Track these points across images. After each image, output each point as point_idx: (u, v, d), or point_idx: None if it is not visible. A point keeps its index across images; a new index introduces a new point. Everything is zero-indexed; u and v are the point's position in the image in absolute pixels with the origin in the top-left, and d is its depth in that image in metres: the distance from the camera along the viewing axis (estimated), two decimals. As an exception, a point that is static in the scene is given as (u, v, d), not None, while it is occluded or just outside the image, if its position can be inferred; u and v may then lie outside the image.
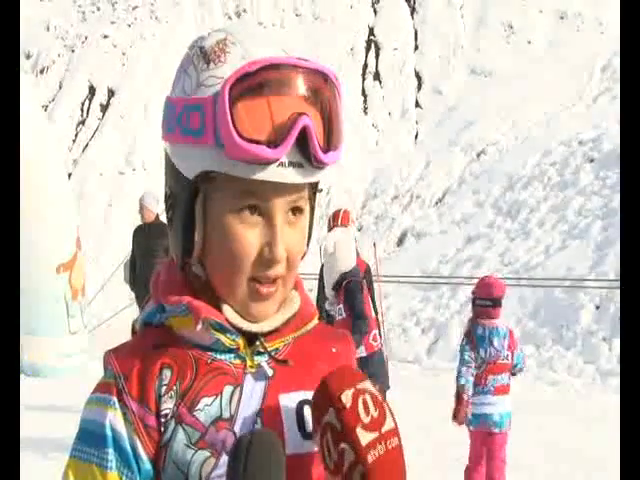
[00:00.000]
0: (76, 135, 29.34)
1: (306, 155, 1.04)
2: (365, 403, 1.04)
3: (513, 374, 5.58)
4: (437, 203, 22.13)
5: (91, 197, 26.20)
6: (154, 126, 28.56)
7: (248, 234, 1.07)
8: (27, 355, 9.90)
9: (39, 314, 10.46)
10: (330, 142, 1.07)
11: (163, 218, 9.21)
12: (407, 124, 27.93)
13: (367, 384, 1.07)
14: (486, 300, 5.47)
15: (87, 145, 28.86)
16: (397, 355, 12.98)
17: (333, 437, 1.04)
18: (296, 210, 1.10)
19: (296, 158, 1.04)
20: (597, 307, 12.86)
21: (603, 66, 25.62)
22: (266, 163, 1.03)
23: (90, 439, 1.08)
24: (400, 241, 21.12)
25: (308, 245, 1.16)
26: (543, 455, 7.39)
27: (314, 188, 1.15)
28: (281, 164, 1.04)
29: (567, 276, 13.96)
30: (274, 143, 1.02)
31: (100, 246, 21.01)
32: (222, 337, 1.10)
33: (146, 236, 8.46)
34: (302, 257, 1.16)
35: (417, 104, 28.71)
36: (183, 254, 1.12)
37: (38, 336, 10.38)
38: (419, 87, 29.30)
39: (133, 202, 9.82)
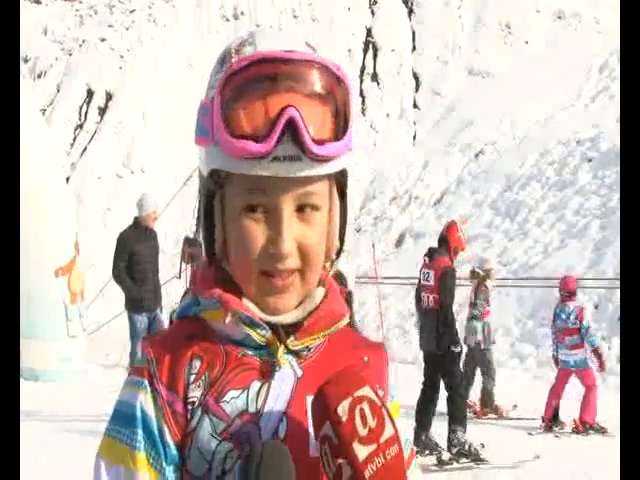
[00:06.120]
0: (74, 139, 29.33)
1: (302, 148, 1.04)
2: (362, 413, 1.02)
3: (582, 340, 8.55)
4: (435, 204, 22.14)
5: (89, 201, 26.19)
6: (152, 129, 28.56)
7: (254, 230, 1.09)
8: (25, 359, 9.87)
9: (37, 318, 10.44)
10: (330, 133, 1.06)
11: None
12: (405, 125, 27.94)
13: (366, 390, 1.04)
14: (562, 291, 8.79)
15: (85, 149, 28.85)
16: (396, 356, 12.97)
17: (331, 450, 1.03)
18: (308, 207, 1.10)
19: (293, 152, 1.04)
20: (596, 306, 12.87)
21: (601, 66, 25.64)
22: (258, 157, 1.04)
23: (122, 419, 1.11)
24: (399, 242, 21.12)
25: (343, 241, 1.16)
26: (545, 452, 7.41)
27: (340, 183, 1.14)
28: (276, 158, 1.04)
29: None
30: (260, 137, 1.03)
31: (98, 249, 20.99)
32: (252, 332, 1.11)
33: (151, 239, 8.55)
34: (338, 254, 1.17)
35: (415, 105, 28.73)
36: (207, 250, 1.15)
37: (37, 340, 10.36)
38: (417, 88, 29.31)
39: (131, 205, 9.72)
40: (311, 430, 1.10)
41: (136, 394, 1.11)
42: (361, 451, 1.01)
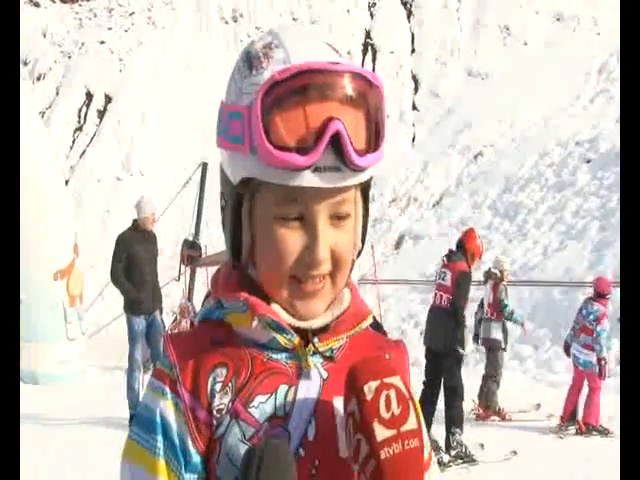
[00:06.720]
0: (73, 141, 29.35)
1: (343, 159, 1.04)
2: (388, 398, 1.04)
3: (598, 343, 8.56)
4: (435, 205, 22.15)
5: (89, 203, 26.19)
6: (151, 131, 28.56)
7: (290, 237, 1.08)
8: (25, 362, 9.85)
9: (37, 321, 10.44)
10: (368, 144, 1.06)
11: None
12: (404, 127, 27.96)
13: (396, 379, 1.06)
14: (594, 291, 8.86)
15: (84, 151, 28.86)
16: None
17: (353, 426, 1.04)
18: (340, 214, 1.10)
19: (333, 162, 1.04)
20: (596, 308, 12.84)
21: (599, 67, 25.66)
22: (299, 170, 1.03)
23: (143, 424, 1.11)
24: (398, 244, 21.13)
25: (363, 242, 1.17)
26: (545, 454, 7.41)
27: (364, 188, 1.15)
28: (317, 169, 1.04)
29: (565, 277, 13.96)
30: (306, 150, 1.03)
31: (98, 252, 21.01)
32: (278, 336, 1.11)
33: (150, 242, 8.52)
34: (358, 254, 1.17)
35: (414, 107, 28.75)
36: (233, 256, 1.15)
37: (36, 343, 10.36)
38: (416, 90, 29.33)
39: (130, 208, 9.70)
40: (340, 431, 1.11)
41: (157, 400, 1.11)
42: (380, 432, 1.02)
